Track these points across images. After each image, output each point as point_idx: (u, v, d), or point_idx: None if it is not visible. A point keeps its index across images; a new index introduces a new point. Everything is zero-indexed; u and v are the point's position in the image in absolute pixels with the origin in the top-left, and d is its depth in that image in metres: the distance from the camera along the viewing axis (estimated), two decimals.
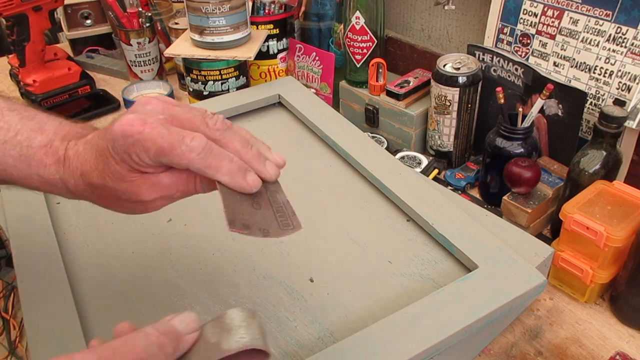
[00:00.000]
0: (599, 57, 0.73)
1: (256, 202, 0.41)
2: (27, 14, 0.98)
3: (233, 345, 0.34)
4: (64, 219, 0.67)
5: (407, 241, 0.62)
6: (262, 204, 0.41)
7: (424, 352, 0.47)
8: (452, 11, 0.97)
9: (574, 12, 0.75)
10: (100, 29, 1.27)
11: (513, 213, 0.71)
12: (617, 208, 0.60)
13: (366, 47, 0.93)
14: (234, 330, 0.35)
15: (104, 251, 0.62)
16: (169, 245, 0.63)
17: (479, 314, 0.50)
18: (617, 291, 0.61)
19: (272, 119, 0.87)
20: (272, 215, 0.41)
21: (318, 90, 1.02)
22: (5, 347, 1.33)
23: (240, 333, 0.35)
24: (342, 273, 0.58)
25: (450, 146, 0.85)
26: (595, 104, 0.75)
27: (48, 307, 0.53)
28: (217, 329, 0.35)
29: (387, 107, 0.90)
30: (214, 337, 0.35)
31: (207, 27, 0.90)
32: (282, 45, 1.02)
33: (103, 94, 1.12)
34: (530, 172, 0.69)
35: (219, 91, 0.95)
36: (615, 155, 0.66)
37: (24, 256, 0.60)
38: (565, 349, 0.58)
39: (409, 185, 0.67)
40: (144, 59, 1.11)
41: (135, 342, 0.31)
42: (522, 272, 0.54)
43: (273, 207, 0.41)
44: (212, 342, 0.34)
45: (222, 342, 0.34)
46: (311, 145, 0.80)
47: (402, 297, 0.55)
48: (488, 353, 0.58)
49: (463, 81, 0.79)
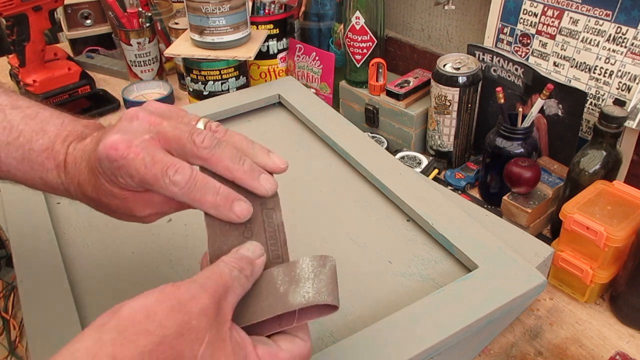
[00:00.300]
0: (599, 57, 0.73)
1: (248, 228, 0.40)
2: (27, 14, 0.98)
3: (297, 301, 0.35)
4: (64, 219, 0.67)
5: (407, 241, 0.62)
6: (255, 229, 0.40)
7: (424, 352, 0.47)
8: (452, 11, 0.97)
9: (574, 12, 0.75)
10: (100, 29, 1.27)
11: (513, 213, 0.71)
12: (617, 208, 0.60)
13: (366, 47, 0.93)
14: (302, 282, 0.36)
15: (104, 251, 0.62)
16: (169, 245, 0.63)
17: (479, 314, 0.50)
18: (617, 291, 0.61)
19: (272, 119, 0.87)
20: (263, 243, 0.40)
21: (318, 90, 1.02)
22: (5, 347, 1.33)
23: (307, 287, 0.36)
24: (342, 273, 0.58)
25: (450, 146, 0.85)
26: (595, 104, 0.75)
27: (48, 307, 0.53)
28: (287, 277, 0.36)
29: (387, 107, 0.90)
30: (283, 285, 0.36)
31: (207, 27, 0.90)
32: (282, 45, 1.02)
33: (103, 94, 1.12)
34: (530, 172, 0.69)
35: (219, 91, 0.95)
36: (615, 155, 0.66)
37: (24, 256, 0.60)
38: (565, 349, 0.58)
39: (409, 185, 0.67)
40: (144, 59, 1.11)
41: (220, 270, 0.35)
42: (522, 272, 0.54)
43: (266, 233, 0.40)
44: (281, 291, 0.36)
45: (289, 294, 0.35)
46: (311, 145, 0.80)
47: (402, 297, 0.55)
48: (488, 353, 0.58)
49: (463, 81, 0.79)
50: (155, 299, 0.31)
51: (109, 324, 0.30)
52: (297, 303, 0.35)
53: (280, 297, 0.35)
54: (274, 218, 0.40)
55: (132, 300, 0.32)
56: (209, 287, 0.33)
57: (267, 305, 0.35)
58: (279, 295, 0.36)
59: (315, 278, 0.36)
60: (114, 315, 0.31)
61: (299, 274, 0.36)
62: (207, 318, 0.32)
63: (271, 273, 0.37)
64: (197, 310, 0.32)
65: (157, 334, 0.30)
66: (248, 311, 0.36)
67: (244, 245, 0.38)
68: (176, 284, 0.33)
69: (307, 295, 0.35)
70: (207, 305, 0.32)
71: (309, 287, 0.36)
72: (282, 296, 0.35)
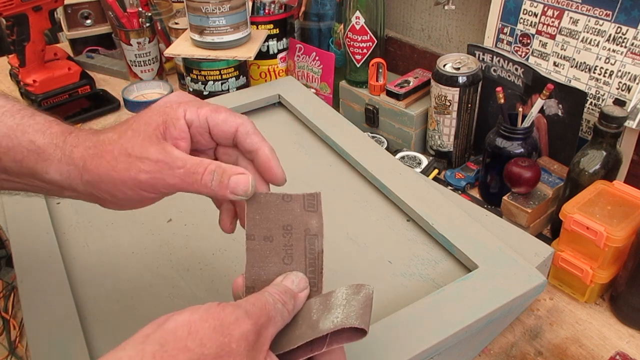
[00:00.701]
0: (599, 57, 0.73)
1: (289, 254, 0.40)
2: (27, 14, 0.98)
3: (326, 326, 0.36)
4: (64, 219, 0.67)
5: (407, 241, 0.62)
6: (295, 256, 0.40)
7: (424, 352, 0.47)
8: (452, 11, 0.97)
9: (574, 12, 0.75)
10: (100, 29, 1.27)
11: (513, 213, 0.71)
12: (617, 208, 0.60)
13: (366, 47, 0.93)
14: (334, 309, 0.37)
15: (104, 251, 0.62)
16: (169, 245, 0.63)
17: (479, 314, 0.50)
18: (617, 291, 0.61)
19: (272, 119, 0.87)
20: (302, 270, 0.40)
21: (318, 90, 1.02)
22: (5, 347, 1.33)
23: (337, 313, 0.36)
24: (342, 273, 0.58)
25: (450, 146, 0.85)
26: (595, 104, 0.75)
27: (48, 307, 0.53)
28: (322, 305, 0.38)
29: (387, 107, 0.90)
30: (317, 314, 0.37)
31: (207, 27, 0.90)
32: (282, 45, 1.02)
33: (103, 94, 1.12)
34: (530, 172, 0.69)
35: (219, 91, 0.95)
36: (615, 155, 0.66)
37: (24, 256, 0.60)
38: (565, 349, 0.58)
39: (409, 185, 0.67)
40: (144, 59, 1.11)
41: (265, 299, 0.35)
42: (522, 272, 0.54)
43: (307, 260, 0.41)
44: (314, 319, 0.37)
45: (320, 321, 0.36)
46: (311, 145, 0.80)
47: (402, 297, 0.55)
48: (488, 353, 0.58)
49: (463, 81, 0.79)
50: (199, 317, 0.32)
51: (152, 336, 0.31)
52: (326, 328, 0.36)
53: (312, 325, 0.36)
54: (316, 245, 0.41)
55: (178, 313, 0.32)
56: (252, 314, 0.34)
57: (300, 333, 0.36)
58: (311, 323, 0.37)
59: (347, 304, 0.37)
60: (159, 327, 0.31)
61: (333, 302, 0.37)
62: (247, 343, 0.33)
63: (309, 304, 0.39)
64: (238, 334, 0.32)
65: (196, 352, 0.31)
66: (283, 339, 0.37)
67: (289, 276, 0.38)
68: (222, 304, 0.34)
69: (335, 320, 0.36)
70: (248, 330, 0.33)
71: (339, 313, 0.36)
72: (314, 323, 0.37)
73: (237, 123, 0.41)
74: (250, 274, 0.40)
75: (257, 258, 0.40)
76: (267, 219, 0.41)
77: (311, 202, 0.42)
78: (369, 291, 0.38)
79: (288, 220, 0.41)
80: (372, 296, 0.38)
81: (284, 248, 0.41)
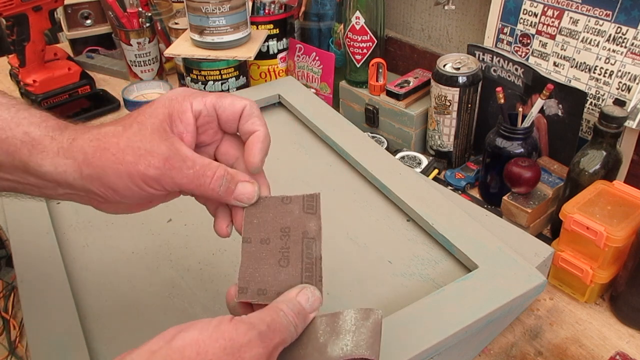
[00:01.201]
0: (599, 57, 0.73)
1: (285, 256, 0.40)
2: (27, 14, 0.98)
3: (335, 353, 0.35)
4: (64, 219, 0.67)
5: (407, 241, 0.62)
6: (292, 258, 0.40)
7: (424, 352, 0.47)
8: (452, 11, 0.97)
9: (574, 12, 0.75)
10: (100, 29, 1.27)
11: (513, 213, 0.71)
12: (617, 208, 0.60)
13: (366, 47, 0.93)
14: (342, 335, 0.36)
15: (104, 251, 0.62)
16: (169, 245, 0.63)
17: (479, 314, 0.50)
18: (617, 291, 0.61)
19: (272, 119, 0.87)
20: (298, 274, 0.40)
21: (318, 90, 1.02)
22: (5, 347, 1.33)
23: (346, 340, 0.36)
24: (342, 273, 0.58)
25: (450, 146, 0.85)
26: (595, 104, 0.75)
27: (48, 307, 0.53)
28: (329, 327, 0.37)
29: (387, 107, 0.90)
30: (323, 336, 0.36)
31: (207, 27, 0.90)
32: (282, 45, 1.02)
33: (103, 94, 1.12)
34: (530, 172, 0.69)
35: (219, 91, 0.95)
36: (615, 155, 0.66)
37: (24, 256, 0.60)
38: (565, 349, 0.58)
39: (409, 185, 0.67)
40: (144, 59, 1.11)
41: (280, 321, 0.35)
42: (522, 272, 0.54)
43: (303, 264, 0.40)
44: (321, 341, 0.36)
45: (327, 345, 0.36)
46: (311, 145, 0.80)
47: (402, 297, 0.55)
48: (488, 353, 0.58)
49: (463, 81, 0.79)
50: (209, 336, 0.31)
51: (159, 353, 0.30)
52: (335, 355, 0.35)
53: (319, 348, 0.36)
54: (313, 250, 0.40)
55: (186, 329, 0.32)
56: (265, 337, 0.33)
57: (305, 354, 0.36)
58: (318, 346, 0.36)
59: (357, 331, 0.36)
60: (166, 344, 0.31)
61: (341, 325, 0.37)
62: None
63: (314, 322, 0.38)
64: (250, 356, 0.32)
65: None
66: (286, 356, 0.36)
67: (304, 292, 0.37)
68: (235, 321, 0.33)
69: (345, 348, 0.35)
70: (260, 355, 0.32)
71: (349, 340, 0.36)
72: (321, 347, 0.36)
73: (243, 104, 0.41)
74: (245, 275, 0.40)
75: (252, 260, 0.40)
76: (265, 222, 0.41)
77: (310, 203, 0.41)
78: (378, 317, 0.38)
79: (286, 222, 0.41)
80: (381, 322, 0.38)
81: (280, 250, 0.40)
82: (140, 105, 1.06)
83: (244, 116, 0.42)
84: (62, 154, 0.38)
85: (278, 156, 0.47)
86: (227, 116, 0.41)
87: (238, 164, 0.43)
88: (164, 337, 0.31)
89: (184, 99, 0.40)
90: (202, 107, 0.40)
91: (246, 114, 0.41)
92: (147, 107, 0.40)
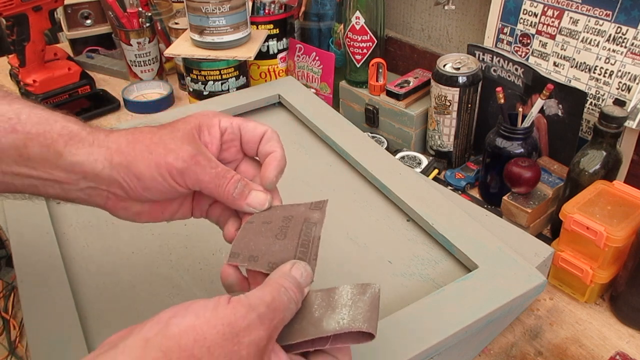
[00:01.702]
0: (599, 57, 0.73)
1: (283, 232, 0.40)
2: (27, 14, 0.98)
3: (331, 326, 0.35)
4: (64, 219, 0.67)
5: (407, 241, 0.62)
6: (289, 233, 0.40)
7: (424, 352, 0.47)
8: (452, 11, 0.97)
9: (574, 12, 0.75)
10: (100, 29, 1.27)
11: (513, 213, 0.71)
12: (617, 208, 0.60)
13: (366, 47, 0.93)
14: (338, 309, 0.36)
15: (104, 251, 0.62)
16: (169, 245, 0.63)
17: (479, 314, 0.50)
18: (617, 291, 0.61)
19: (272, 119, 0.87)
20: (293, 248, 0.39)
21: (318, 90, 1.02)
22: (5, 347, 1.33)
23: (342, 313, 0.35)
24: (342, 273, 0.58)
25: (450, 146, 0.85)
26: (595, 104, 0.75)
27: (48, 307, 0.53)
28: (324, 302, 0.36)
29: (387, 107, 0.90)
30: (319, 310, 0.36)
31: (207, 27, 0.90)
32: (282, 45, 1.02)
33: (103, 94, 1.12)
34: (530, 172, 0.69)
35: (219, 91, 0.95)
36: (615, 155, 0.66)
37: (24, 256, 0.60)
38: (565, 349, 0.58)
39: (409, 185, 0.67)
40: (144, 59, 1.11)
41: (281, 300, 0.34)
42: (522, 272, 0.54)
43: (299, 240, 0.40)
44: (316, 315, 0.36)
45: (323, 320, 0.35)
46: (311, 145, 0.80)
47: (402, 297, 0.55)
48: (488, 353, 0.58)
49: (463, 81, 0.79)
50: (206, 321, 0.30)
51: (154, 340, 0.29)
52: (330, 329, 0.35)
53: (314, 322, 0.35)
54: (313, 231, 0.41)
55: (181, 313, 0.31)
56: (265, 319, 0.32)
57: (300, 328, 0.35)
58: (313, 320, 0.35)
59: (354, 305, 0.36)
60: (160, 332, 0.30)
61: (337, 300, 0.36)
62: (257, 348, 0.31)
63: (309, 297, 0.37)
64: (249, 341, 0.31)
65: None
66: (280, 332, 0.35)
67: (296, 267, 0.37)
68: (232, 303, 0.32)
69: (342, 322, 0.35)
70: (260, 337, 0.32)
71: (345, 314, 0.35)
72: (316, 321, 0.35)
73: (264, 128, 0.45)
74: (239, 243, 0.40)
75: (250, 233, 0.41)
76: (271, 213, 0.43)
77: (318, 205, 0.43)
78: (376, 290, 0.37)
79: (291, 213, 0.42)
80: (378, 295, 0.37)
81: (280, 228, 0.41)
82: (140, 105, 1.06)
83: (264, 139, 0.45)
84: (97, 144, 0.41)
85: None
86: (249, 138, 0.45)
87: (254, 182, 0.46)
88: (158, 321, 0.31)
89: (214, 115, 0.44)
90: (228, 125, 0.44)
91: (267, 137, 0.45)
92: (179, 119, 0.44)
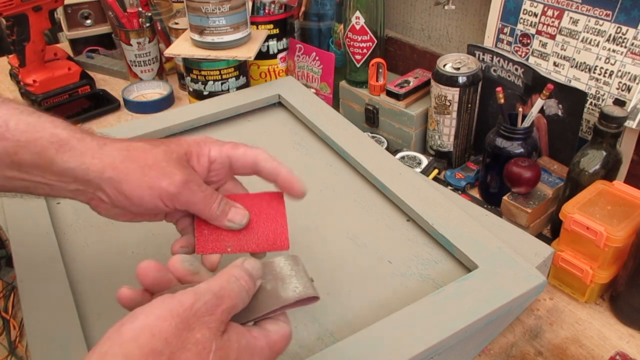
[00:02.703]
0: (599, 57, 0.73)
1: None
2: (27, 14, 0.98)
3: (290, 295, 0.38)
4: (64, 219, 0.67)
5: (407, 241, 0.62)
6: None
7: (424, 352, 0.47)
8: (452, 11, 0.97)
9: (574, 12, 0.75)
10: (100, 29, 1.27)
11: (513, 213, 0.71)
12: (617, 208, 0.60)
13: (366, 47, 0.93)
14: (287, 279, 0.39)
15: (104, 251, 0.62)
16: (169, 245, 0.63)
17: (479, 314, 0.50)
18: (617, 291, 0.61)
19: (272, 119, 0.87)
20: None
21: (318, 90, 1.02)
22: (5, 347, 1.33)
23: (293, 283, 0.39)
24: (342, 273, 0.58)
25: (450, 146, 0.85)
26: (595, 104, 0.75)
27: (48, 307, 0.53)
28: (270, 275, 0.39)
29: (387, 107, 0.90)
30: (269, 283, 0.39)
31: (207, 27, 0.90)
32: (282, 45, 1.02)
33: (103, 94, 1.12)
34: (530, 172, 0.69)
35: (219, 91, 0.95)
36: (615, 155, 0.66)
37: (24, 256, 0.60)
38: (565, 349, 0.58)
39: (409, 185, 0.67)
40: (144, 59, 1.11)
41: (230, 287, 0.35)
42: (522, 272, 0.54)
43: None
44: (269, 289, 0.38)
45: (279, 291, 0.38)
46: (311, 145, 0.80)
47: (402, 297, 0.55)
48: (488, 353, 0.58)
49: (463, 81, 0.79)
50: (156, 317, 0.32)
51: (111, 351, 0.30)
52: (290, 297, 0.38)
53: (271, 293, 0.38)
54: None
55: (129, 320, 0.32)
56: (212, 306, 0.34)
57: (258, 303, 0.38)
58: (267, 293, 0.38)
59: (297, 275, 0.39)
60: (116, 342, 0.31)
61: (279, 272, 0.40)
62: (210, 331, 0.33)
63: None
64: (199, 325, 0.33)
65: (165, 353, 0.31)
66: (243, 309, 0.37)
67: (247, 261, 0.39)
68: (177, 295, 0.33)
69: (297, 290, 0.38)
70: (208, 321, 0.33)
71: (296, 283, 0.39)
72: (271, 292, 0.38)
73: (255, 153, 0.47)
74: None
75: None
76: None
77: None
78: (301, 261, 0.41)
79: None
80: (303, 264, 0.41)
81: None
82: (140, 105, 1.06)
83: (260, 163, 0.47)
84: (91, 155, 0.42)
85: (278, 156, 0.48)
86: (240, 165, 0.47)
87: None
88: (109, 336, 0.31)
89: (204, 144, 0.47)
90: (217, 156, 0.47)
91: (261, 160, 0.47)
92: (175, 139, 0.47)
